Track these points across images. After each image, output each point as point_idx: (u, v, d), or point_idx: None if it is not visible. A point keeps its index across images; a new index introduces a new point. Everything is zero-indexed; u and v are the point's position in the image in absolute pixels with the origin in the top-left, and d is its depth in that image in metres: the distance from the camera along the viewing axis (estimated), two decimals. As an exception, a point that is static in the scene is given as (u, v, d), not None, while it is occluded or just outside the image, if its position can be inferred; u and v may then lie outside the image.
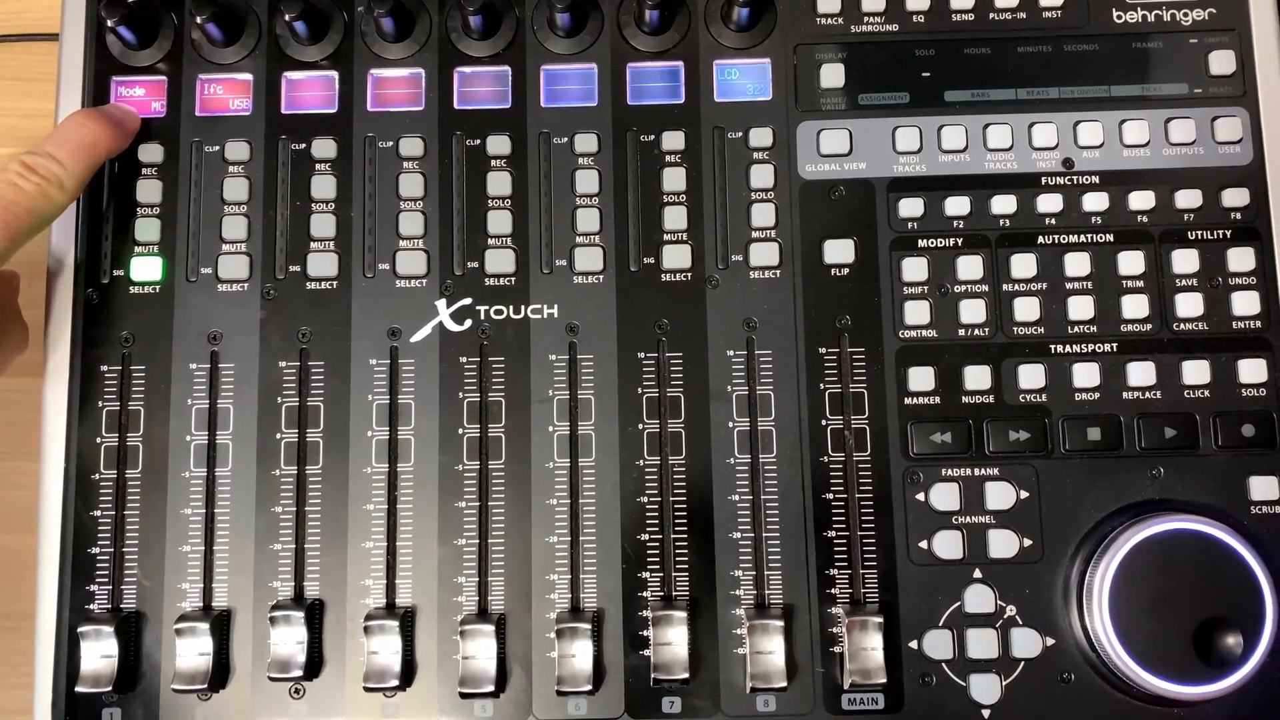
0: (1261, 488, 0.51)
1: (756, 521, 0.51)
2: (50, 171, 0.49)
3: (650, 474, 0.51)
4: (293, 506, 0.51)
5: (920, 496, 0.51)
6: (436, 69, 0.55)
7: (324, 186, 0.54)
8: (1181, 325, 0.52)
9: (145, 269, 0.53)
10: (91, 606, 0.51)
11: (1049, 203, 0.53)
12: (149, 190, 0.54)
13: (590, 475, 0.51)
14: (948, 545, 0.50)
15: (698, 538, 0.51)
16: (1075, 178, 0.53)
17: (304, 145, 0.54)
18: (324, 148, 0.54)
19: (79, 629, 0.49)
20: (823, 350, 0.52)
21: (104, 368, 0.52)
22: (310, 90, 0.55)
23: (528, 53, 0.55)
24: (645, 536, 0.51)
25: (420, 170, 0.54)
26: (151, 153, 0.54)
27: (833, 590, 0.50)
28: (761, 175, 0.54)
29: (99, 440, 0.52)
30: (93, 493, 0.52)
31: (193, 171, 0.54)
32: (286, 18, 0.53)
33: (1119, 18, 0.54)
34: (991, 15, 0.55)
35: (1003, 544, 0.50)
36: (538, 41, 0.55)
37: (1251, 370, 0.51)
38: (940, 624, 0.50)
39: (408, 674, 0.50)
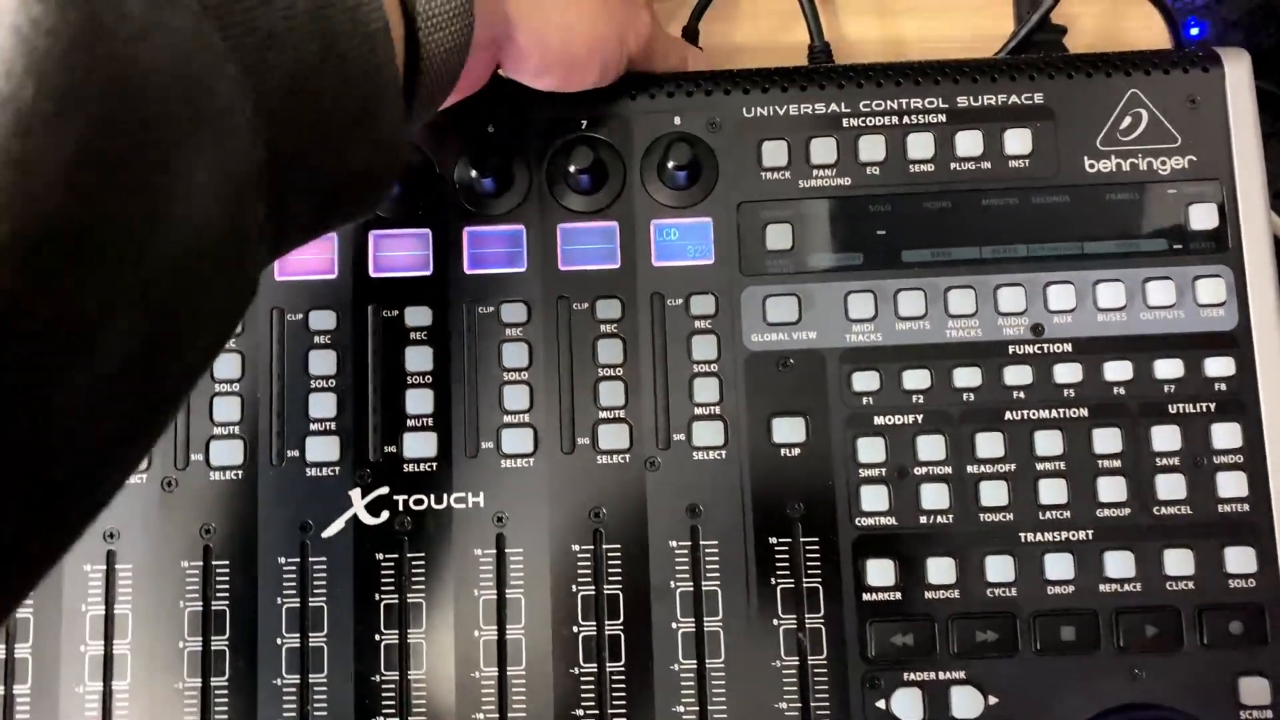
0: (1252, 690, 0.46)
1: (703, 732, 0.47)
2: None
3: (586, 683, 0.47)
4: (196, 723, 0.47)
5: (881, 704, 0.47)
6: (352, 233, 0.50)
7: (228, 366, 0.49)
8: (1163, 509, 0.48)
9: (34, 459, 0.49)
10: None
11: (1017, 374, 0.48)
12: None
13: (520, 685, 0.47)
14: (911, 758, 0.46)
15: (638, 754, 0.46)
16: (1045, 346, 0.49)
17: (206, 318, 0.50)
18: (228, 321, 0.50)
19: None
20: (773, 540, 0.48)
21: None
22: (213, 257, 0.50)
23: (449, 214, 0.50)
24: (581, 753, 0.47)
25: (332, 345, 0.50)
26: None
27: (786, 811, 0.46)
28: (704, 346, 0.49)
29: (-18, 655, 0.48)
30: (-23, 712, 0.47)
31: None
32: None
33: (1091, 166, 0.50)
34: (953, 165, 0.50)
35: (971, 756, 0.46)
36: (461, 203, 0.50)
37: (1239, 559, 0.47)
38: (904, 846, 0.46)
39: None
